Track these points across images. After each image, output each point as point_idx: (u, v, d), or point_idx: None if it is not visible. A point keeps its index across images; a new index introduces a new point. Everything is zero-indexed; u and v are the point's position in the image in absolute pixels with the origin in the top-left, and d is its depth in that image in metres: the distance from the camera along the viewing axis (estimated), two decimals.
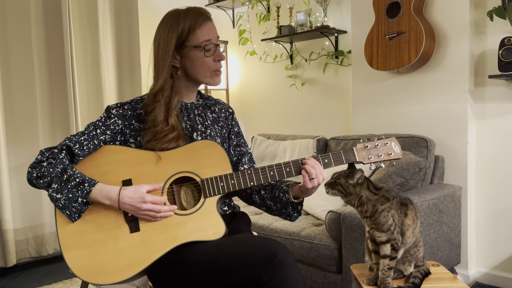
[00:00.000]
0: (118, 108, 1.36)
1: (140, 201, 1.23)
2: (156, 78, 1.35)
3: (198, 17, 1.35)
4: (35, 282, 2.71)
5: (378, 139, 1.36)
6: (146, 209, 1.23)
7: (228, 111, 1.54)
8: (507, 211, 2.41)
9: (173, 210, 1.26)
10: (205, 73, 1.38)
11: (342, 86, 3.23)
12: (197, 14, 1.36)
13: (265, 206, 1.46)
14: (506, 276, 2.43)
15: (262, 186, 1.46)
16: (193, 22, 1.34)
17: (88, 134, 1.31)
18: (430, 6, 2.51)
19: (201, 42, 1.34)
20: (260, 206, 1.48)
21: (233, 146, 1.51)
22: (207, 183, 1.30)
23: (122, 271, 1.22)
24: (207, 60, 1.36)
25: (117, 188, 1.26)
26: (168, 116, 1.32)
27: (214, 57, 1.37)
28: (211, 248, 1.21)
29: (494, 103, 2.41)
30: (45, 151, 1.29)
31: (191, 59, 1.35)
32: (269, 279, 1.10)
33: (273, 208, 1.44)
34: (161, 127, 1.31)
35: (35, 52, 2.99)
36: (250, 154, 1.54)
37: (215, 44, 1.36)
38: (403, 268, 1.36)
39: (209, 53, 1.35)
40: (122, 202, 1.24)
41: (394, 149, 1.35)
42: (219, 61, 1.38)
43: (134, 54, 3.38)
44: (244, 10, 3.74)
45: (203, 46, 1.34)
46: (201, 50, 1.34)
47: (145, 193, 1.25)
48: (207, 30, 1.35)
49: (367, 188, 1.33)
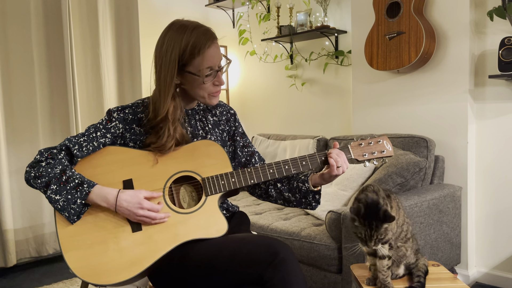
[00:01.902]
0: (119, 112, 1.36)
1: (137, 207, 1.23)
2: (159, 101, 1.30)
3: (201, 41, 1.28)
4: (35, 282, 2.71)
5: (371, 138, 1.40)
6: (142, 215, 1.23)
7: (229, 113, 1.53)
8: (507, 211, 2.41)
9: (168, 217, 1.26)
10: (203, 95, 1.35)
11: (342, 86, 3.23)
12: (201, 36, 1.28)
13: (283, 199, 1.47)
14: (506, 276, 2.43)
15: (278, 180, 1.46)
16: (196, 47, 1.27)
17: (88, 135, 1.31)
18: (430, 6, 2.51)
19: (200, 71, 1.29)
20: (277, 200, 1.48)
21: (240, 147, 1.51)
22: (208, 181, 1.31)
23: (124, 271, 1.21)
24: (205, 85, 1.33)
25: (115, 191, 1.25)
26: (174, 136, 1.31)
27: (213, 82, 1.34)
28: (213, 247, 1.21)
29: (494, 103, 2.41)
30: (44, 151, 1.28)
31: (190, 82, 1.33)
32: (271, 277, 1.10)
33: (292, 200, 1.44)
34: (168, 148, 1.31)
35: (35, 52, 2.99)
36: (258, 153, 1.54)
37: (216, 70, 1.33)
38: (393, 269, 1.34)
39: (208, 79, 1.32)
40: (119, 206, 1.24)
41: (386, 147, 1.39)
42: (218, 85, 1.35)
43: (134, 54, 3.38)
44: (244, 10, 3.74)
45: (204, 74, 1.30)
46: (200, 77, 1.30)
47: (143, 199, 1.25)
48: (208, 57, 1.29)
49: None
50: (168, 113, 1.30)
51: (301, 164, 1.35)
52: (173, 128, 1.31)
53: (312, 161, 1.36)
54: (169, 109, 1.30)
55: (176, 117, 1.32)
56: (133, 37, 3.38)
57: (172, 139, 1.31)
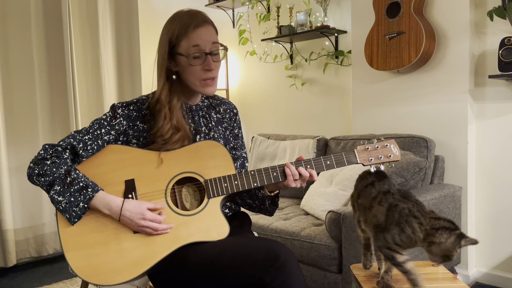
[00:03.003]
0: (123, 108, 1.34)
1: (140, 217, 1.23)
2: (157, 85, 1.35)
3: (189, 21, 1.29)
4: (35, 282, 2.71)
5: (378, 141, 1.37)
6: (144, 225, 1.23)
7: (232, 112, 1.52)
8: (507, 211, 2.41)
9: (170, 228, 1.25)
10: (194, 81, 1.32)
11: (342, 86, 3.23)
12: (190, 18, 1.29)
13: (247, 205, 1.49)
14: (506, 276, 2.43)
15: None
16: (183, 27, 1.28)
17: (92, 133, 1.29)
18: (430, 6, 2.51)
19: (187, 50, 1.28)
20: (243, 205, 1.51)
21: (229, 148, 1.49)
22: (210, 183, 1.30)
23: (125, 272, 1.21)
24: (194, 69, 1.30)
25: (119, 200, 1.24)
26: (171, 118, 1.31)
27: (202, 66, 1.30)
28: (213, 250, 1.21)
29: (494, 103, 2.41)
30: (49, 148, 1.26)
31: (182, 66, 1.32)
32: (272, 280, 1.09)
33: (253, 206, 1.47)
34: (166, 131, 1.30)
35: (35, 52, 2.99)
36: (244, 159, 1.51)
37: (205, 53, 1.29)
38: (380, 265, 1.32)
39: (195, 62, 1.29)
40: (122, 215, 1.23)
41: (393, 151, 1.36)
42: (209, 70, 1.31)
43: (134, 54, 3.38)
44: (244, 10, 3.74)
45: (191, 54, 1.28)
46: (188, 58, 1.29)
47: (146, 210, 1.24)
48: (195, 36, 1.28)
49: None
50: (161, 95, 1.31)
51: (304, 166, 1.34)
52: (170, 112, 1.31)
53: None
54: (163, 92, 1.31)
55: (172, 102, 1.32)
56: (133, 37, 3.38)
57: (169, 122, 1.30)
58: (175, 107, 1.32)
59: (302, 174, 1.30)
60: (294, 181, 1.31)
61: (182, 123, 1.33)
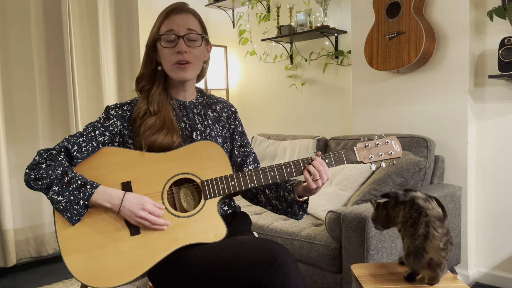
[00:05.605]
0: (117, 109, 1.35)
1: (139, 207, 1.22)
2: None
3: (168, 9, 1.34)
4: (35, 282, 2.71)
5: (379, 138, 1.35)
6: (142, 216, 1.22)
7: (230, 110, 1.52)
8: (507, 211, 2.41)
9: (167, 225, 1.25)
10: (168, 65, 1.34)
11: (342, 86, 3.23)
12: (170, 6, 1.35)
13: (271, 206, 1.45)
14: (506, 276, 2.43)
15: (267, 186, 1.44)
16: (162, 14, 1.35)
17: (86, 135, 1.30)
18: (430, 6, 2.51)
19: (160, 33, 1.33)
20: (266, 206, 1.47)
21: (237, 146, 1.49)
22: (207, 184, 1.29)
23: (123, 274, 1.21)
24: (166, 51, 1.32)
25: (121, 193, 1.24)
26: (149, 104, 1.34)
27: (174, 49, 1.31)
28: (211, 251, 1.20)
29: (494, 103, 2.41)
30: (43, 152, 1.26)
31: (160, 53, 1.36)
32: (270, 281, 1.09)
33: (279, 208, 1.43)
34: (143, 108, 1.33)
35: (35, 52, 2.99)
36: (254, 154, 1.52)
37: (178, 35, 1.31)
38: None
39: (167, 44, 1.32)
40: (122, 206, 1.23)
41: (395, 148, 1.34)
42: (179, 53, 1.31)
43: (134, 54, 3.38)
44: (244, 10, 3.74)
45: (162, 37, 1.32)
46: (160, 41, 1.32)
47: (147, 201, 1.24)
48: (172, 21, 1.32)
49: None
50: (143, 74, 1.38)
51: (303, 167, 1.32)
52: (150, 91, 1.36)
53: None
54: (145, 72, 1.38)
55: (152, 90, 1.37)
56: (133, 37, 3.38)
57: (146, 98, 1.35)
58: (154, 93, 1.36)
59: (310, 171, 1.28)
60: (315, 181, 1.28)
61: (161, 104, 1.35)
